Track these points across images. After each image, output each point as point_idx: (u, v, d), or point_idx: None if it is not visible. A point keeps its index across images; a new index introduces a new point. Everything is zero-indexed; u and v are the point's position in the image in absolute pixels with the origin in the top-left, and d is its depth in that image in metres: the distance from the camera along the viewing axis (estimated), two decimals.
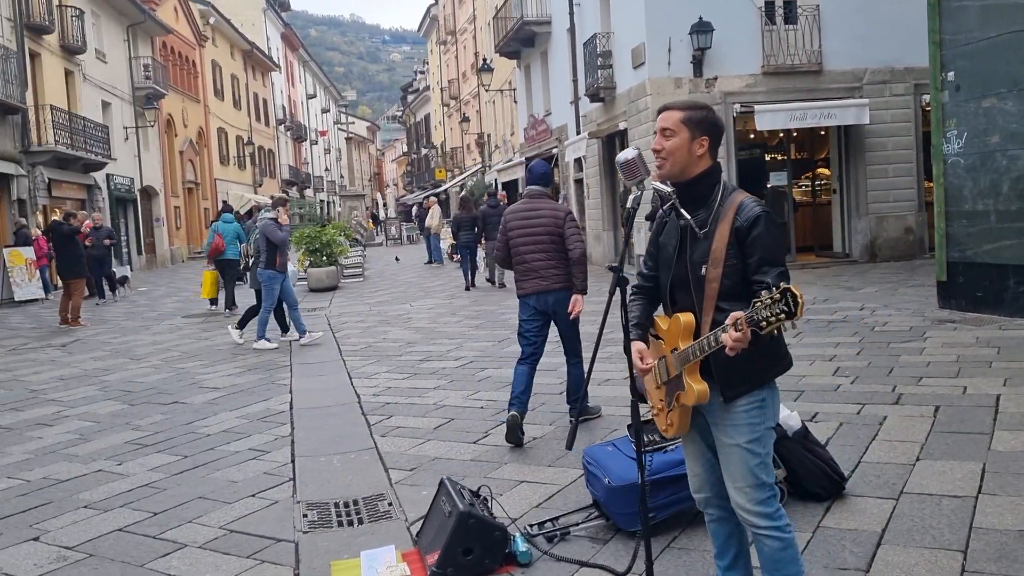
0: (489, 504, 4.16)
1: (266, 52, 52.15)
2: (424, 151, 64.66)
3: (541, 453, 5.58)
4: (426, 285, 18.36)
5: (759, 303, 2.49)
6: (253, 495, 5.11)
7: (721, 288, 2.76)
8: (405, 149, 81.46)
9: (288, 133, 60.59)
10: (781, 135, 16.88)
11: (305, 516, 4.71)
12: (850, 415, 5.87)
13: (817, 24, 15.48)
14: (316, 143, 72.17)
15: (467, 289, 16.52)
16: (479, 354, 9.38)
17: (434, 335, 11.07)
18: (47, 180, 21.53)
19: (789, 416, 4.44)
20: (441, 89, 54.18)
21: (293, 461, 5.78)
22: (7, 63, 19.29)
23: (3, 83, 18.99)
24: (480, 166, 39.21)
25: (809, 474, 4.25)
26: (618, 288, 2.92)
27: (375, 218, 50.87)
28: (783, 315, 2.47)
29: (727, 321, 2.55)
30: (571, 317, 5.87)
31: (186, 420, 7.15)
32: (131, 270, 27.44)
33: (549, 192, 6.32)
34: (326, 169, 75.62)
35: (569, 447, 3.22)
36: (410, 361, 9.26)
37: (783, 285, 2.49)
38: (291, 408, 7.35)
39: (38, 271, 18.66)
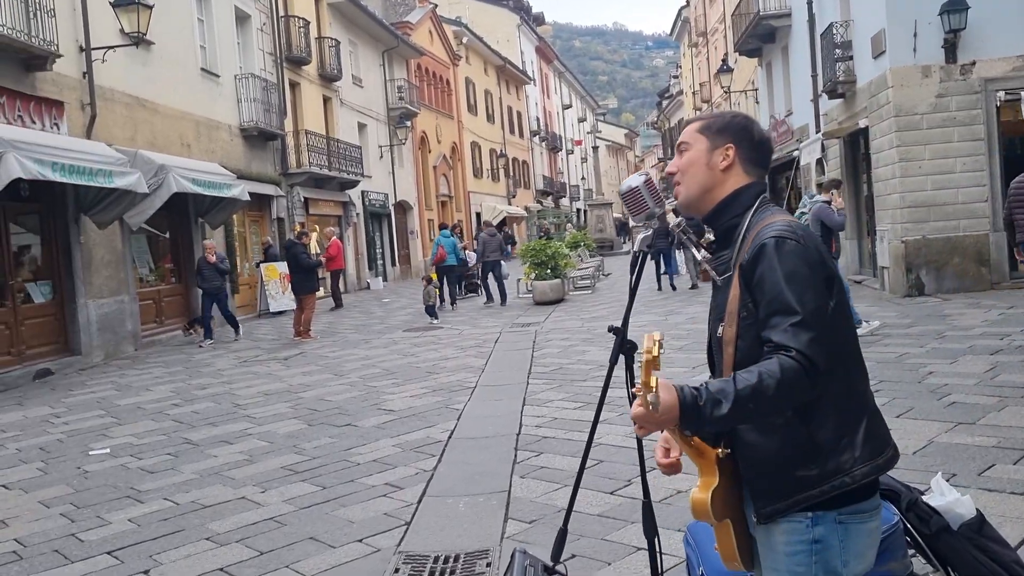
0: None
1: (520, 66, 53.58)
2: None
3: (681, 513, 4.84)
4: (650, 299, 17.65)
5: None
6: (361, 540, 4.86)
7: (737, 354, 2.01)
8: (661, 155, 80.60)
9: (543, 144, 61.95)
10: None
11: (397, 571, 4.37)
12: None
13: None
14: (572, 152, 73.23)
15: (659, 289, 18.56)
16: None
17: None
18: (303, 199, 23.26)
19: (957, 501, 3.43)
20: (693, 93, 52.84)
21: (420, 501, 5.48)
22: (268, 94, 21.03)
23: (265, 112, 20.73)
24: None
25: None
26: (622, 355, 2.25)
27: (623, 226, 50.54)
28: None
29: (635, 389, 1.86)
30: None
31: (347, 446, 7.12)
32: (384, 281, 29.15)
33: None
34: (582, 178, 76.51)
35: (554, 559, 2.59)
36: (591, 388, 8.72)
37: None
38: (449, 438, 7.09)
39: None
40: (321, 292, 22.72)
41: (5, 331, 12.13)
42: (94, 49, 13.74)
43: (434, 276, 17.90)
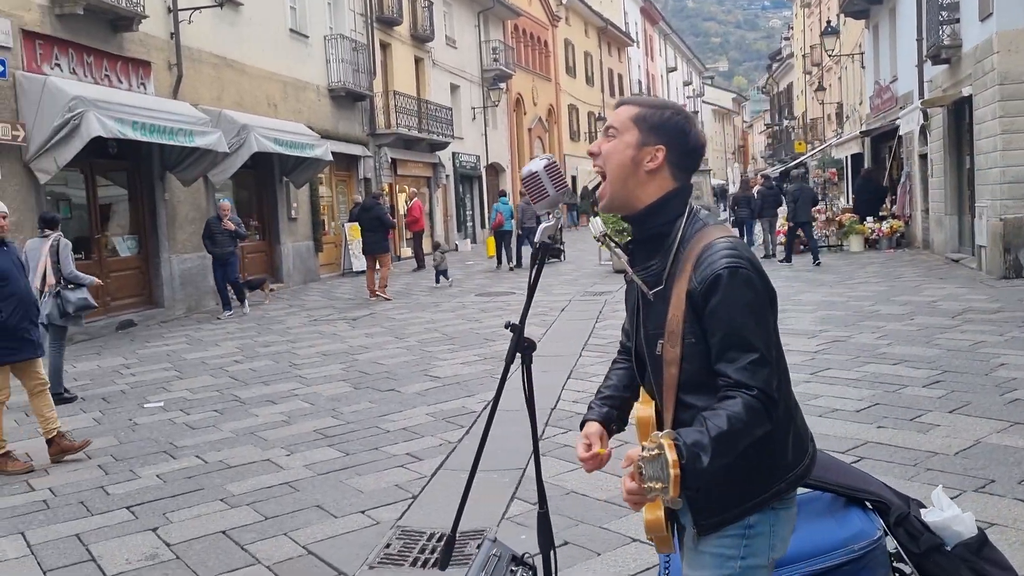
0: None
1: (623, 28, 52.50)
2: (785, 122, 61.33)
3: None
4: None
5: (645, 453, 1.74)
6: (364, 511, 4.85)
7: (682, 375, 1.92)
8: (769, 120, 78.04)
9: None
10: None
11: (388, 547, 4.33)
12: None
13: None
14: None
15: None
16: None
17: None
18: (391, 160, 23.45)
19: (956, 518, 3.13)
20: (803, 56, 50.74)
21: (433, 474, 5.44)
22: (357, 55, 21.18)
23: (354, 73, 20.90)
24: (835, 138, 36.08)
25: None
26: (518, 355, 2.10)
27: (723, 192, 49.25)
28: (658, 485, 1.71)
29: (622, 463, 1.82)
30: None
31: (383, 412, 7.14)
32: (472, 244, 29.25)
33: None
34: None
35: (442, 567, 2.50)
36: None
37: (666, 440, 1.72)
38: (483, 409, 7.02)
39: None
40: (408, 252, 23.05)
41: None
42: (181, 10, 14.06)
43: (490, 240, 18.53)
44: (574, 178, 42.38)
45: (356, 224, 19.90)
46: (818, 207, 19.91)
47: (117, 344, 11.69)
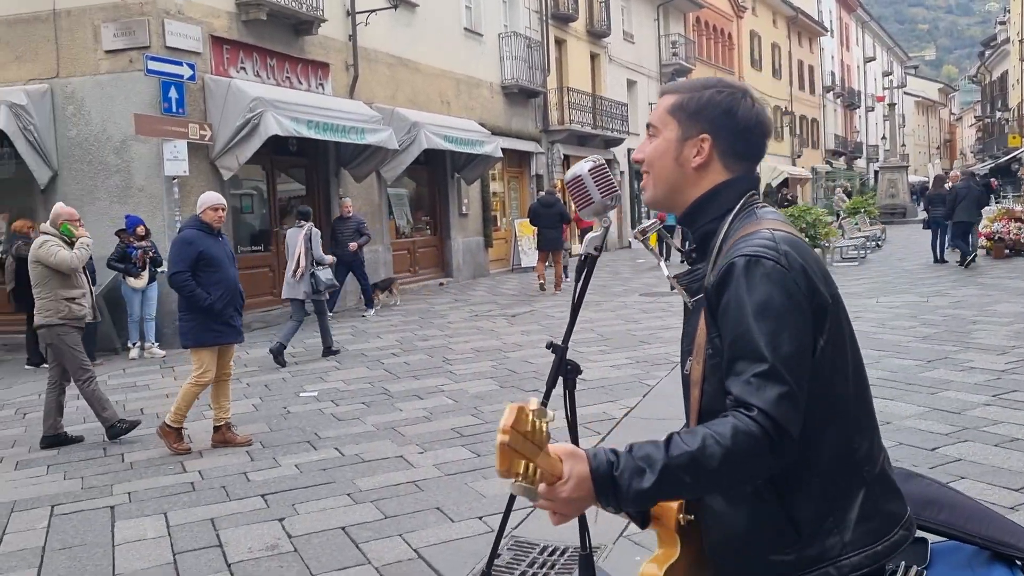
0: None
1: (815, 17, 50.05)
2: (998, 115, 56.44)
3: None
4: (921, 274, 15.85)
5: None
6: (481, 517, 4.76)
7: (703, 396, 1.61)
8: (979, 113, 72.11)
9: (837, 100, 57.72)
10: None
11: (498, 556, 4.20)
12: None
13: None
14: (872, 110, 67.55)
15: (935, 261, 17.07)
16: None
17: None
18: (563, 156, 23.42)
19: None
20: (1020, 41, 46.47)
21: None
22: (531, 52, 21.28)
23: (528, 70, 21.02)
24: None
25: None
26: (560, 377, 1.90)
27: (923, 191, 45.93)
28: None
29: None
30: None
31: None
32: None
33: None
34: (883, 137, 70.45)
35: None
36: None
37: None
38: (624, 415, 6.78)
39: None
40: (578, 248, 22.97)
41: (269, 274, 13.37)
42: (358, 13, 14.59)
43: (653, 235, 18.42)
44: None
45: (526, 221, 20.08)
46: (987, 207, 18.40)
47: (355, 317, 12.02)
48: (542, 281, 15.83)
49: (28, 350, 10.74)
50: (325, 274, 10.05)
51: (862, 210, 25.15)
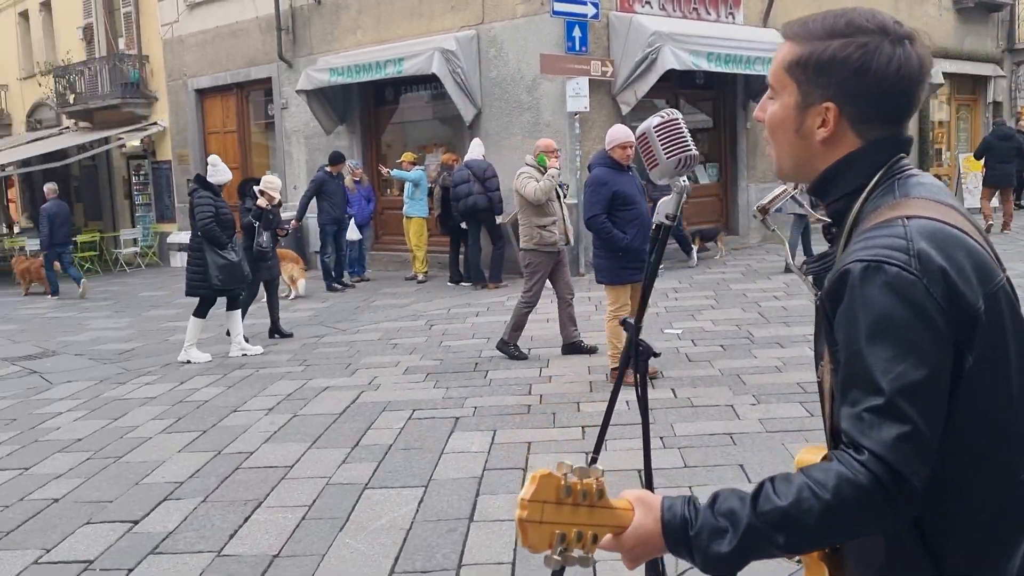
0: None
1: None
2: None
3: None
4: None
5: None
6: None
7: (834, 412, 1.32)
8: None
9: None
10: None
11: None
12: None
13: None
14: None
15: None
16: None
17: None
18: None
19: None
20: None
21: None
22: None
23: None
24: None
25: None
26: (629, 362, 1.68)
27: None
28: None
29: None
30: None
31: None
32: None
33: None
34: None
35: None
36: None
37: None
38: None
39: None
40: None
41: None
42: None
43: None
44: None
45: (970, 155, 17.64)
46: None
47: (678, 269, 12.07)
48: (991, 222, 14.08)
49: (450, 269, 12.20)
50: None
51: None
